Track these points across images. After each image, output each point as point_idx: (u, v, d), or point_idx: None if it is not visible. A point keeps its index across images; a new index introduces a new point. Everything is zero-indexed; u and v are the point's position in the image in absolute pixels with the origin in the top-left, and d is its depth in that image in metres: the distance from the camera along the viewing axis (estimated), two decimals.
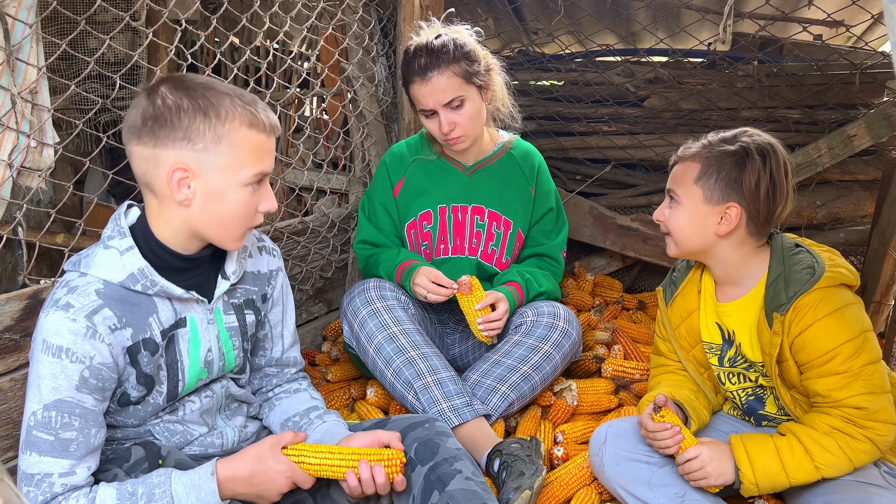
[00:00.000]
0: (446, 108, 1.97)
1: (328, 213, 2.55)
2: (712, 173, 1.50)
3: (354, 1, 2.52)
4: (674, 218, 1.56)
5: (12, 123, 1.51)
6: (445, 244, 2.17)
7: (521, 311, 2.07)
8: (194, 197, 1.24)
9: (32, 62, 1.53)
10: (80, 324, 1.20)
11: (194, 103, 1.21)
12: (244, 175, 1.25)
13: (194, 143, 1.21)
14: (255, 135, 1.25)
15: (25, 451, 1.21)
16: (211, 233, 1.29)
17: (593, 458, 1.62)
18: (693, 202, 1.52)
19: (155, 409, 1.35)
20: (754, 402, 1.63)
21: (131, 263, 1.25)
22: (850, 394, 1.41)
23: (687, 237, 1.54)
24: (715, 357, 1.63)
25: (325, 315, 2.63)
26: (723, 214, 1.50)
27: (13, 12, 1.47)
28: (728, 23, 2.50)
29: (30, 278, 1.62)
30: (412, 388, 1.85)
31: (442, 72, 1.94)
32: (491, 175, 2.16)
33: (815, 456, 1.42)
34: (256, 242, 1.51)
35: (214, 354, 1.39)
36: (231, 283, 1.40)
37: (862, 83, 2.79)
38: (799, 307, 1.43)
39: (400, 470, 1.33)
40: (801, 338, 1.44)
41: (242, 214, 1.29)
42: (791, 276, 1.47)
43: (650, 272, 3.11)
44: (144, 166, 1.24)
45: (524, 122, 3.29)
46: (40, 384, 1.20)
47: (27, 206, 1.58)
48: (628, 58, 3.24)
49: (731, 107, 3.00)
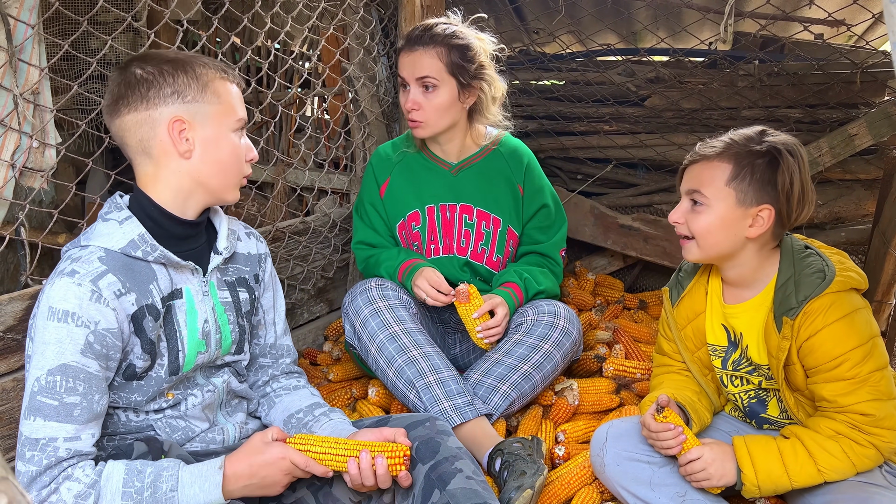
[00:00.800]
0: (418, 85, 2.00)
1: (329, 213, 2.55)
2: (745, 175, 1.45)
3: (355, 1, 2.53)
4: (699, 221, 1.49)
5: (14, 124, 1.51)
6: (436, 244, 2.17)
7: (522, 309, 2.08)
8: (194, 147, 1.33)
9: (34, 63, 1.53)
10: (85, 288, 1.23)
11: (172, 64, 1.31)
12: (231, 121, 1.36)
13: (184, 96, 1.31)
14: (228, 85, 1.37)
15: (29, 416, 1.23)
16: (212, 182, 1.37)
17: (594, 458, 1.62)
18: (725, 204, 1.46)
19: (158, 385, 1.36)
20: (756, 405, 1.62)
21: (131, 230, 1.31)
22: (857, 400, 1.40)
23: (716, 241, 1.49)
24: (718, 360, 1.62)
25: (326, 315, 2.64)
26: (755, 216, 1.45)
27: (15, 13, 1.47)
28: (729, 22, 2.50)
29: (32, 278, 1.63)
30: (414, 388, 1.85)
31: (427, 49, 1.98)
32: (477, 173, 2.15)
33: (819, 460, 1.41)
34: (244, 229, 1.57)
35: (211, 326, 1.42)
36: (223, 258, 1.44)
37: (863, 82, 2.79)
38: (809, 312, 1.42)
39: (404, 464, 1.33)
40: (810, 342, 1.42)
41: (237, 160, 1.38)
42: (801, 280, 1.45)
43: (651, 272, 3.11)
44: (140, 131, 1.31)
45: (525, 121, 3.31)
46: (45, 350, 1.23)
47: (29, 206, 1.58)
48: (629, 57, 3.24)
49: (732, 106, 3.00)
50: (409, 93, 2.02)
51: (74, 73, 3.05)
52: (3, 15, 1.45)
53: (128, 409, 1.37)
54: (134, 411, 1.38)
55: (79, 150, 3.14)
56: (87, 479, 1.22)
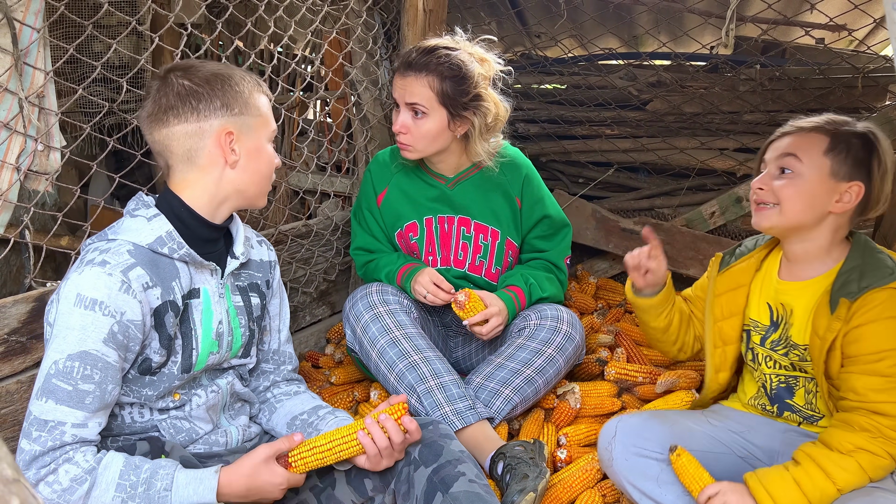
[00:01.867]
0: (408, 109, 1.97)
1: (332, 216, 2.56)
2: (843, 149, 1.46)
3: (358, 5, 2.53)
4: (789, 187, 1.48)
5: (20, 127, 1.52)
6: (434, 255, 2.16)
7: (525, 314, 2.07)
8: (240, 158, 1.38)
9: (40, 66, 1.54)
10: (115, 278, 1.26)
11: (216, 77, 1.36)
12: (269, 132, 1.44)
13: (231, 109, 1.36)
14: (263, 97, 1.43)
15: (42, 397, 1.24)
16: (251, 190, 1.43)
17: (602, 452, 1.62)
18: (818, 173, 1.46)
19: (170, 381, 1.37)
20: (784, 391, 1.61)
21: (159, 227, 1.34)
22: (887, 399, 1.38)
23: (801, 209, 1.47)
24: (758, 336, 1.61)
25: (328, 318, 2.64)
26: (844, 192, 1.46)
27: (21, 17, 1.48)
28: (730, 27, 2.51)
29: (36, 281, 1.63)
30: (415, 392, 1.86)
31: (419, 76, 1.93)
32: (473, 186, 2.12)
33: (837, 479, 1.38)
34: (256, 237, 1.60)
35: (224, 328, 1.44)
36: (239, 262, 1.48)
37: (864, 87, 2.79)
38: (868, 299, 1.41)
39: (406, 412, 1.37)
40: (859, 330, 1.41)
41: (271, 169, 1.45)
42: (868, 270, 1.44)
43: None
44: (188, 142, 1.35)
45: (527, 124, 3.32)
46: (67, 335, 1.24)
47: (34, 209, 1.59)
48: (631, 61, 3.25)
49: (733, 110, 3.01)
50: (400, 114, 1.99)
51: (77, 76, 3.05)
52: (9, 19, 1.45)
53: (133, 409, 1.38)
54: (139, 412, 1.39)
55: (81, 153, 3.14)
56: (86, 465, 1.24)
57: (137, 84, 3.20)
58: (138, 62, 1.91)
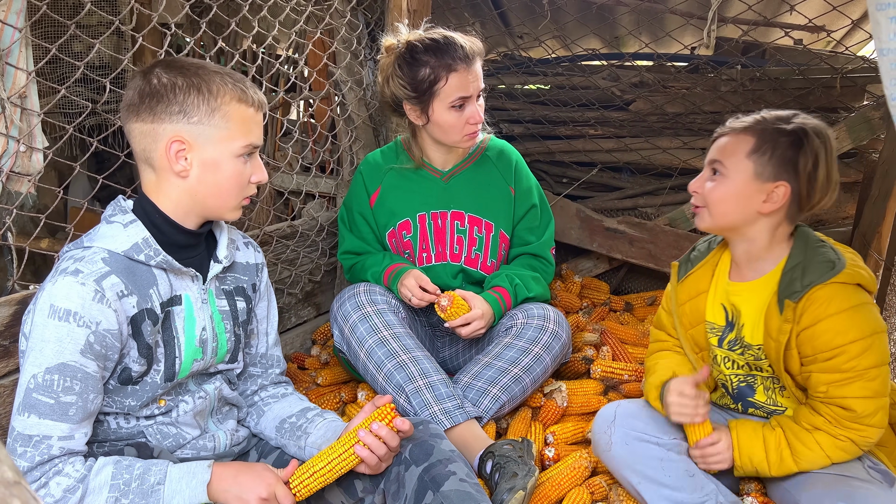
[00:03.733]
0: (475, 99, 2.00)
1: (317, 216, 2.55)
2: (767, 149, 1.47)
3: (342, 5, 2.53)
4: (716, 190, 1.51)
5: (2, 128, 1.50)
6: (428, 252, 2.17)
7: (512, 313, 2.08)
8: (191, 168, 1.32)
9: (22, 66, 1.52)
10: (88, 287, 1.23)
11: (188, 80, 1.29)
12: (235, 146, 1.33)
13: (189, 117, 1.29)
14: (244, 109, 1.33)
15: (23, 412, 1.22)
16: (209, 202, 1.36)
17: (599, 437, 1.62)
18: (742, 176, 1.49)
19: (153, 390, 1.35)
20: (745, 389, 1.64)
21: (135, 234, 1.31)
22: (846, 394, 1.42)
23: (726, 211, 1.51)
24: (715, 338, 1.63)
25: (314, 319, 2.63)
26: (770, 192, 1.48)
27: (2, 16, 1.46)
28: (711, 27, 2.53)
29: (19, 283, 1.61)
30: (403, 392, 1.86)
31: (479, 60, 2.00)
32: (468, 179, 2.16)
33: (796, 451, 1.47)
34: (242, 239, 1.57)
35: (209, 334, 1.42)
36: (223, 267, 1.44)
37: (843, 87, 2.83)
38: (812, 298, 1.43)
39: (395, 414, 1.36)
40: (810, 331, 1.44)
41: (236, 184, 1.36)
42: (809, 266, 1.46)
43: (636, 274, 3.14)
44: (144, 142, 1.31)
45: (511, 125, 3.33)
46: (43, 348, 1.22)
47: (16, 211, 1.57)
48: (614, 62, 3.27)
49: (715, 110, 3.04)
50: (474, 105, 1.99)
51: (57, 76, 3.02)
52: None
53: (119, 416, 1.37)
54: (125, 418, 1.37)
55: (61, 153, 3.11)
56: (77, 475, 1.23)
57: (119, 84, 3.16)
58: (120, 62, 1.89)
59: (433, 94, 1.98)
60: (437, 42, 1.96)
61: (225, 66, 1.43)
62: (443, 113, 1.99)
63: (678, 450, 1.55)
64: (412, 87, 1.99)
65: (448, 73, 1.95)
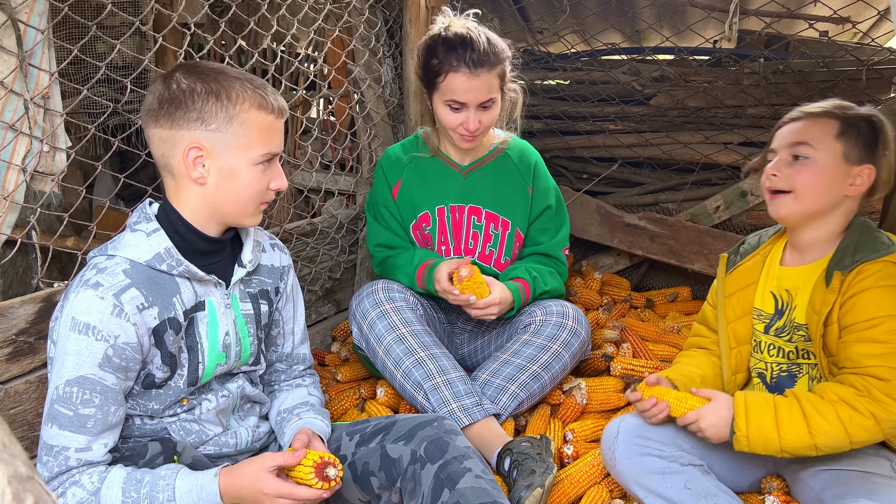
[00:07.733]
0: (479, 108, 1.97)
1: (336, 214, 2.56)
2: (852, 132, 1.47)
3: (360, 3, 2.53)
4: (802, 174, 1.47)
5: (25, 128, 1.53)
6: (446, 245, 2.17)
7: (530, 310, 2.08)
8: (209, 175, 1.31)
9: (45, 67, 1.54)
10: (107, 302, 1.24)
11: (207, 86, 1.28)
12: (254, 154, 1.32)
13: (207, 124, 1.28)
14: (264, 116, 1.32)
15: (47, 422, 1.25)
16: (227, 209, 1.35)
17: (605, 452, 1.62)
18: (833, 159, 1.46)
19: (176, 395, 1.37)
20: (785, 379, 1.60)
21: (158, 244, 1.31)
22: (882, 363, 1.38)
23: (817, 195, 1.47)
24: (762, 324, 1.61)
25: (333, 315, 2.65)
26: (857, 175, 1.47)
27: (25, 18, 1.48)
28: (734, 20, 2.50)
29: (43, 281, 1.64)
30: (422, 389, 1.86)
31: (490, 71, 1.93)
32: (487, 175, 2.15)
33: (812, 422, 1.38)
34: (269, 240, 1.57)
35: (232, 339, 1.42)
36: (247, 272, 1.44)
37: (869, 79, 2.78)
38: (862, 270, 1.42)
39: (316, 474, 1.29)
40: (853, 300, 1.42)
41: (255, 192, 1.35)
42: (863, 245, 1.45)
43: (658, 270, 3.11)
44: (162, 147, 1.31)
45: (530, 120, 3.31)
46: (64, 360, 1.24)
47: (40, 209, 1.59)
48: (634, 56, 3.24)
49: (737, 104, 2.99)
50: (469, 114, 1.96)
51: (81, 77, 3.06)
52: (14, 20, 1.46)
53: (143, 416, 1.38)
54: (150, 417, 1.39)
55: (85, 153, 3.15)
56: (91, 487, 1.24)
57: (141, 84, 3.20)
58: (141, 62, 1.91)
59: (434, 86, 1.99)
60: (455, 38, 1.94)
61: (245, 66, 1.42)
62: (439, 107, 2.01)
63: (681, 461, 1.53)
64: (422, 72, 2.02)
65: (449, 72, 1.93)
